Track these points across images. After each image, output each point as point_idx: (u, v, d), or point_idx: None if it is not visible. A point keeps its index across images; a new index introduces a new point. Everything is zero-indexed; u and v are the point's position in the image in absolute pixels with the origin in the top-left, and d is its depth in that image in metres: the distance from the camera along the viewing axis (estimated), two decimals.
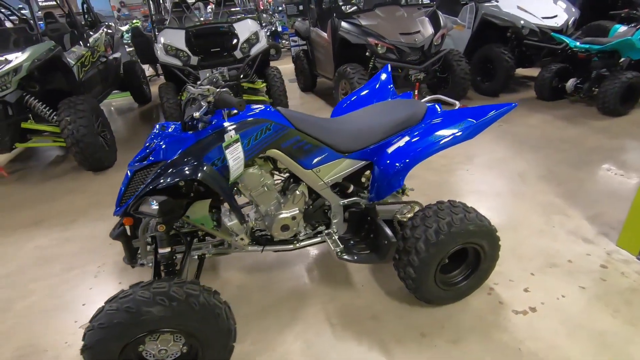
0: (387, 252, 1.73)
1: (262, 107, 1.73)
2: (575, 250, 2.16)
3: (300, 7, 8.84)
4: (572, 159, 3.23)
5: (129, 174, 1.55)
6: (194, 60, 4.65)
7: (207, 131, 1.52)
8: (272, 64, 5.51)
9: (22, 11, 5.36)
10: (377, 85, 2.28)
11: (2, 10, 4.90)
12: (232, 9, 6.21)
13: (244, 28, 5.02)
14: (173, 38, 4.79)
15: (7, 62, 3.50)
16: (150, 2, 5.37)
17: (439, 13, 4.80)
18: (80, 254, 2.57)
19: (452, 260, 1.83)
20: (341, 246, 1.82)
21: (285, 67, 8.32)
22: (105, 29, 5.79)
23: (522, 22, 4.86)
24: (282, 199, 1.85)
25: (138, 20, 11.26)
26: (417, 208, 2.10)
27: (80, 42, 4.75)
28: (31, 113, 3.80)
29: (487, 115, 1.75)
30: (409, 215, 2.06)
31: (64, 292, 2.23)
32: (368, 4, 5.47)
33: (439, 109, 1.91)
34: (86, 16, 5.88)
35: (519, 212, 2.55)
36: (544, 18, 4.92)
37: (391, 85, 2.27)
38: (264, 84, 5.17)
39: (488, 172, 3.15)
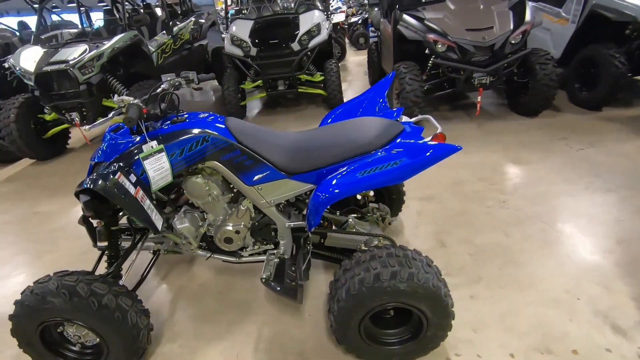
0: (295, 293, 1.55)
1: (206, 115, 1.68)
2: (592, 338, 1.62)
3: None
4: None
5: (91, 165, 1.68)
6: (253, 51, 4.81)
7: (140, 139, 1.54)
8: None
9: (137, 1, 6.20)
10: (369, 97, 2.01)
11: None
12: None
13: (308, 19, 4.97)
14: (240, 28, 5.03)
15: (97, 48, 4.14)
16: None
17: (528, 3, 3.98)
18: None
19: (398, 315, 1.55)
20: (269, 273, 1.70)
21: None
22: (195, 18, 6.37)
23: None
24: (230, 211, 1.80)
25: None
26: (384, 244, 1.83)
27: (164, 31, 5.33)
28: (112, 93, 4.46)
29: (422, 156, 1.43)
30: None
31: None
32: None
33: (407, 138, 1.60)
34: (182, 6, 6.55)
35: (538, 266, 2.02)
36: None
37: (381, 99, 1.98)
38: (322, 77, 5.08)
39: (528, 209, 2.56)
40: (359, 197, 2.26)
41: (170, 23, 5.56)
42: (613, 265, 1.99)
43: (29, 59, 4.16)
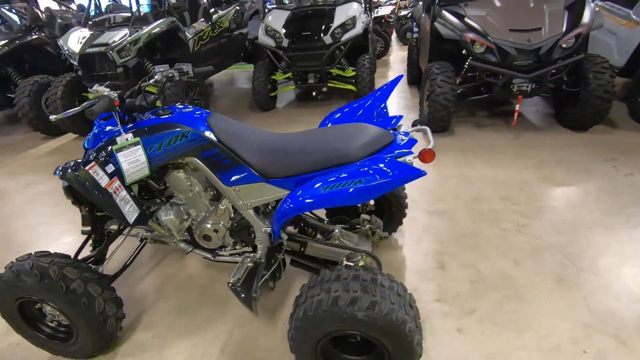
0: (250, 304, 1.48)
1: (191, 110, 1.65)
2: None
3: None
4: None
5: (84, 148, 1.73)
6: (285, 42, 4.75)
7: (119, 130, 1.54)
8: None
9: None
10: (369, 102, 1.87)
11: None
12: None
13: (344, 12, 4.81)
14: (275, 18, 4.99)
15: (136, 32, 4.31)
16: None
17: (589, 3, 3.52)
18: None
19: (364, 342, 1.44)
20: (237, 277, 1.64)
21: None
22: (236, 7, 6.43)
23: None
24: (210, 208, 1.76)
25: None
26: (367, 261, 1.71)
27: (203, 18, 5.43)
28: (148, 77, 4.63)
29: (382, 179, 1.27)
30: (361, 264, 1.70)
31: None
32: None
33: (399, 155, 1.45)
34: None
35: (544, 306, 1.78)
36: None
37: (383, 104, 1.82)
38: (354, 72, 4.92)
39: (549, 238, 2.27)
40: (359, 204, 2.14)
41: (212, 10, 5.66)
42: (638, 318, 1.71)
43: (75, 40, 4.44)
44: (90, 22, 4.83)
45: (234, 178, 1.59)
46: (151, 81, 1.74)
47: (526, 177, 2.98)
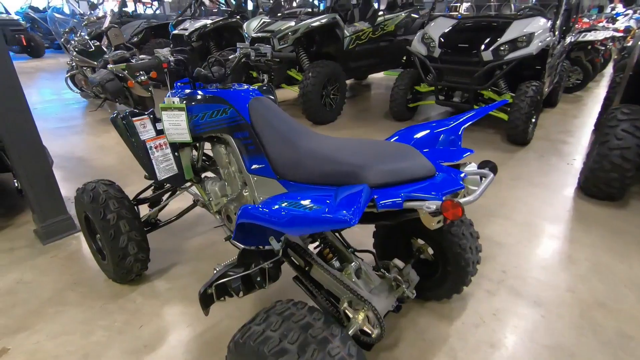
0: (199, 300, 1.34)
1: (245, 88, 1.62)
2: None
3: None
4: None
5: None
6: (437, 52, 4.32)
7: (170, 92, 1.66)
8: None
9: None
10: (452, 124, 1.44)
11: None
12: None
13: (520, 26, 4.02)
14: (437, 26, 4.60)
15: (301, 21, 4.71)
16: None
17: None
18: None
19: None
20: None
21: None
22: (408, 12, 6.24)
23: None
24: (239, 191, 1.73)
25: None
26: (368, 317, 1.35)
27: (368, 19, 5.47)
28: (299, 66, 5.02)
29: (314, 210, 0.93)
30: (359, 317, 1.38)
31: None
32: None
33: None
34: None
35: None
36: None
37: (459, 131, 1.37)
38: (512, 100, 4.09)
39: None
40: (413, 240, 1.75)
41: (380, 13, 5.65)
42: None
43: (254, 25, 5.17)
44: (275, 11, 5.53)
45: (254, 166, 1.50)
46: (231, 57, 1.79)
47: None
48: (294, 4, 6.19)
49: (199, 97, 1.58)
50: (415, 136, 1.42)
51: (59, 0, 14.34)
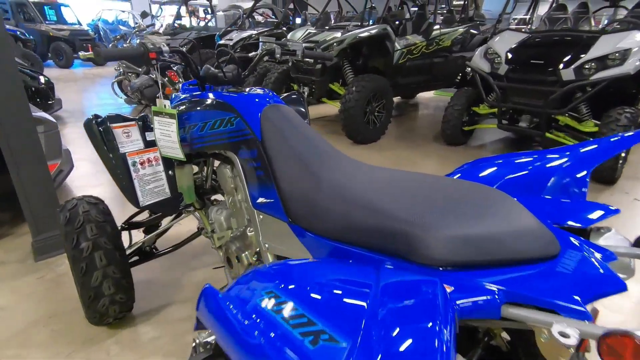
0: None
1: (259, 91, 1.21)
2: None
3: None
4: None
5: None
6: (503, 69, 3.73)
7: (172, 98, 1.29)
8: None
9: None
10: (565, 160, 0.92)
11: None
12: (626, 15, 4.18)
13: (611, 41, 3.34)
14: (503, 41, 4.02)
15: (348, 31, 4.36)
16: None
17: None
18: None
19: None
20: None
21: None
22: (468, 28, 5.68)
23: None
24: (243, 227, 1.30)
25: None
26: None
27: (422, 32, 4.99)
28: (343, 80, 4.64)
29: None
30: None
31: None
32: None
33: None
34: (462, 14, 5.98)
35: None
36: None
37: (585, 174, 0.85)
38: (597, 129, 3.39)
39: None
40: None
41: (436, 26, 5.16)
42: None
43: (298, 35, 4.89)
44: (317, 23, 5.25)
45: (260, 200, 1.07)
46: (251, 54, 1.41)
47: None
48: (343, 16, 5.89)
49: (200, 101, 1.19)
50: (506, 175, 0.91)
51: (127, 15, 15.48)
